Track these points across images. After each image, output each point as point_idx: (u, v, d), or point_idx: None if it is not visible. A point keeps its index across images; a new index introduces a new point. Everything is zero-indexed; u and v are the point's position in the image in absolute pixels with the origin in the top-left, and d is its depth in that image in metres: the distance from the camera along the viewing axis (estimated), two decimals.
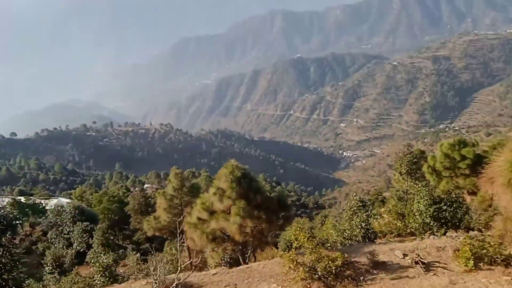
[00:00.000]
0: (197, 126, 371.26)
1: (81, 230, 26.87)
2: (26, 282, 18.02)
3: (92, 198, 38.71)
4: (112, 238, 28.57)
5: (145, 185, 61.78)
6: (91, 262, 21.01)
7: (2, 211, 34.14)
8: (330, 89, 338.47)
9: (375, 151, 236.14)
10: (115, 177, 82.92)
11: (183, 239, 13.29)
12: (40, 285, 18.66)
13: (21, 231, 34.01)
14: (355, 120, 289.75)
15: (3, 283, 14.32)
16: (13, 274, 14.90)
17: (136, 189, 40.84)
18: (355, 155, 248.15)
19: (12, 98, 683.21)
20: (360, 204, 16.99)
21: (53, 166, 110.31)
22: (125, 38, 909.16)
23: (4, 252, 14.75)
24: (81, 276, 18.74)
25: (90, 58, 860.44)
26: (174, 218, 19.63)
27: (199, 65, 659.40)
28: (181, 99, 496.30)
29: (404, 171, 22.49)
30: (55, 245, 27.64)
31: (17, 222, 32.91)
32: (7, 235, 28.68)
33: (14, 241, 31.01)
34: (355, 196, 17.72)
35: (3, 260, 14.55)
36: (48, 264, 22.77)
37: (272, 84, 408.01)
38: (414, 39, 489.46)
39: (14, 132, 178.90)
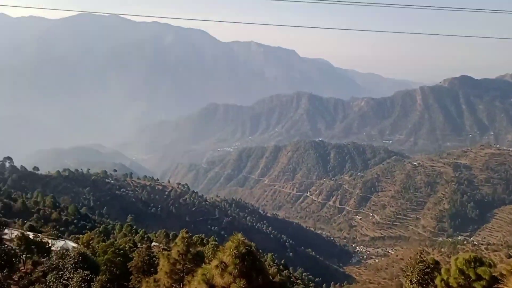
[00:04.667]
0: (213, 191, 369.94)
1: (80, 278, 25.85)
2: None
3: (98, 246, 38.33)
4: None
5: (153, 243, 60.61)
6: None
7: (6, 245, 34.08)
8: (348, 178, 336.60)
9: (389, 251, 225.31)
10: (124, 229, 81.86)
11: None
12: None
13: (23, 268, 33.63)
14: (371, 214, 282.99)
15: None
16: None
17: (143, 245, 40.11)
18: (368, 252, 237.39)
19: (41, 133, 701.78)
20: None
21: (67, 207, 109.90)
22: (157, 95, 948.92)
23: None
24: None
25: (121, 108, 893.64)
26: (174, 284, 19.04)
27: (223, 132, 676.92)
28: (202, 162, 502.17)
29: (415, 280, 21.93)
30: None
31: (17, 258, 32.52)
32: (5, 271, 28.59)
33: (13, 277, 30.92)
34: None
35: None
36: None
37: (292, 162, 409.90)
38: (435, 143, 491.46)
39: (37, 167, 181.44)
